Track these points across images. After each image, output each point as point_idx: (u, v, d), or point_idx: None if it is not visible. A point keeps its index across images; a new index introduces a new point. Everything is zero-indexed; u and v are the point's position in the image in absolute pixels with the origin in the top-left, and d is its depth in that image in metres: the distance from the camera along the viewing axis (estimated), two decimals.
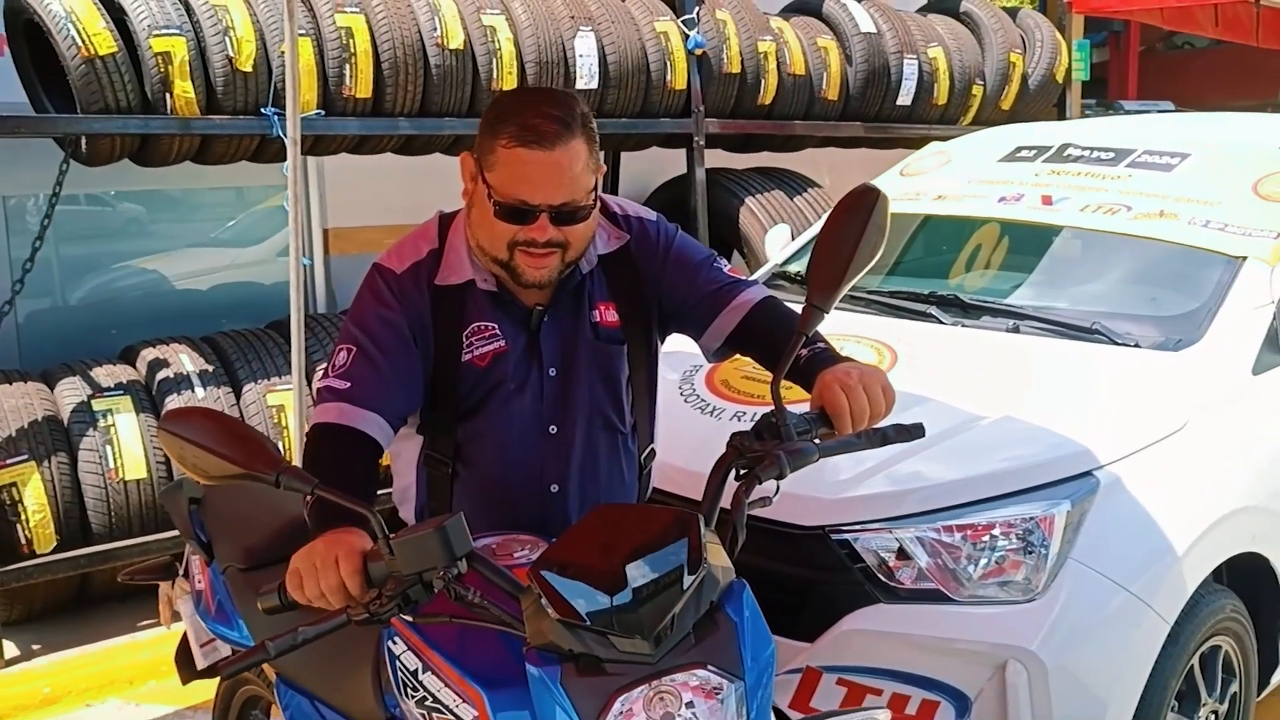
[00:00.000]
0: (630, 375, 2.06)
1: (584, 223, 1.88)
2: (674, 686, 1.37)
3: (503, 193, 1.84)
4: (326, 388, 1.86)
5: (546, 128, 1.82)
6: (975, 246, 3.77)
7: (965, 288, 3.53)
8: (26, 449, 3.78)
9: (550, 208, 1.83)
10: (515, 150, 1.82)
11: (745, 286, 2.06)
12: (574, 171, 1.84)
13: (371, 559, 1.53)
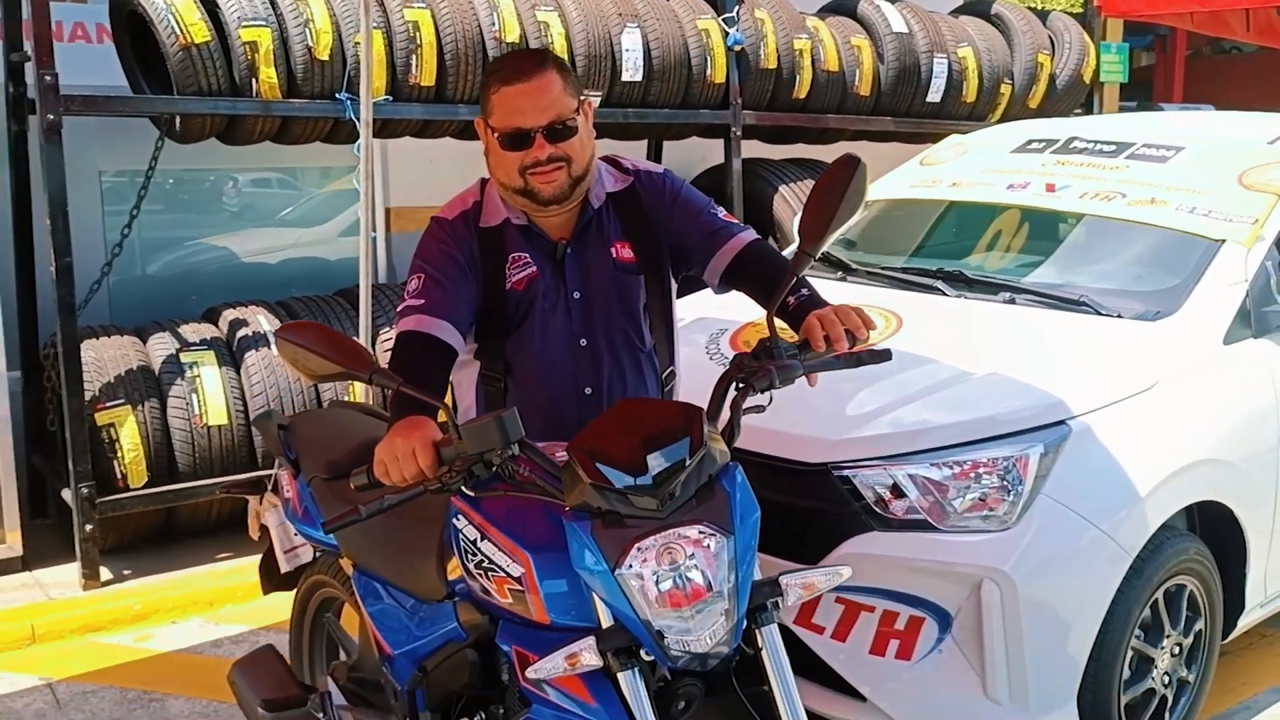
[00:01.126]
0: (647, 303, 2.46)
1: (575, 137, 2.28)
2: (678, 539, 1.73)
3: (502, 127, 2.27)
4: (405, 307, 2.27)
5: (523, 66, 2.28)
6: (982, 229, 4.10)
7: (970, 265, 3.86)
8: (123, 395, 4.24)
9: (541, 128, 2.25)
10: (502, 90, 2.26)
11: (739, 230, 2.45)
12: (553, 94, 2.26)
13: (442, 444, 1.91)
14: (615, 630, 1.79)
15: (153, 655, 3.85)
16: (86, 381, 4.17)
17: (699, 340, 3.50)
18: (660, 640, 1.75)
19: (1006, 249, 3.99)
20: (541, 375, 2.42)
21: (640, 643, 1.78)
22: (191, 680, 3.65)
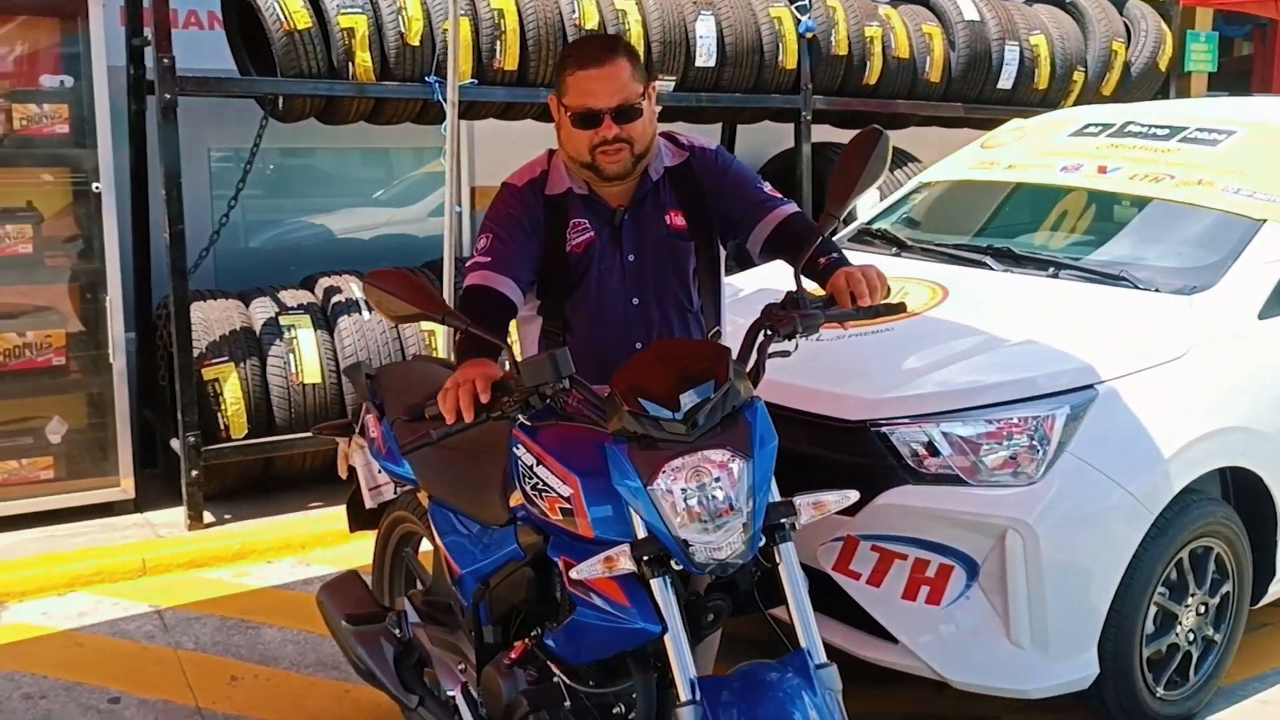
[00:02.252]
0: (696, 267, 2.69)
1: (640, 120, 2.52)
2: (704, 461, 1.97)
3: (574, 106, 2.51)
4: (473, 263, 2.54)
5: (596, 52, 2.53)
6: (1034, 209, 4.26)
7: (1019, 242, 4.02)
8: (227, 353, 4.62)
9: (610, 109, 2.49)
10: (576, 74, 2.51)
11: (781, 203, 2.67)
12: (622, 80, 2.50)
13: (503, 379, 2.18)
14: (648, 541, 2.04)
15: (249, 589, 4.22)
16: (194, 340, 4.56)
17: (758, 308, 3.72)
18: (686, 549, 2.00)
19: (1055, 228, 4.14)
20: (597, 331, 2.67)
21: (670, 553, 2.03)
22: (284, 611, 4.00)
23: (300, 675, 3.63)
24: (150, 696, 3.45)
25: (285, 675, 3.62)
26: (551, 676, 2.33)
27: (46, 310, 4.59)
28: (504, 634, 2.55)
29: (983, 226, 4.35)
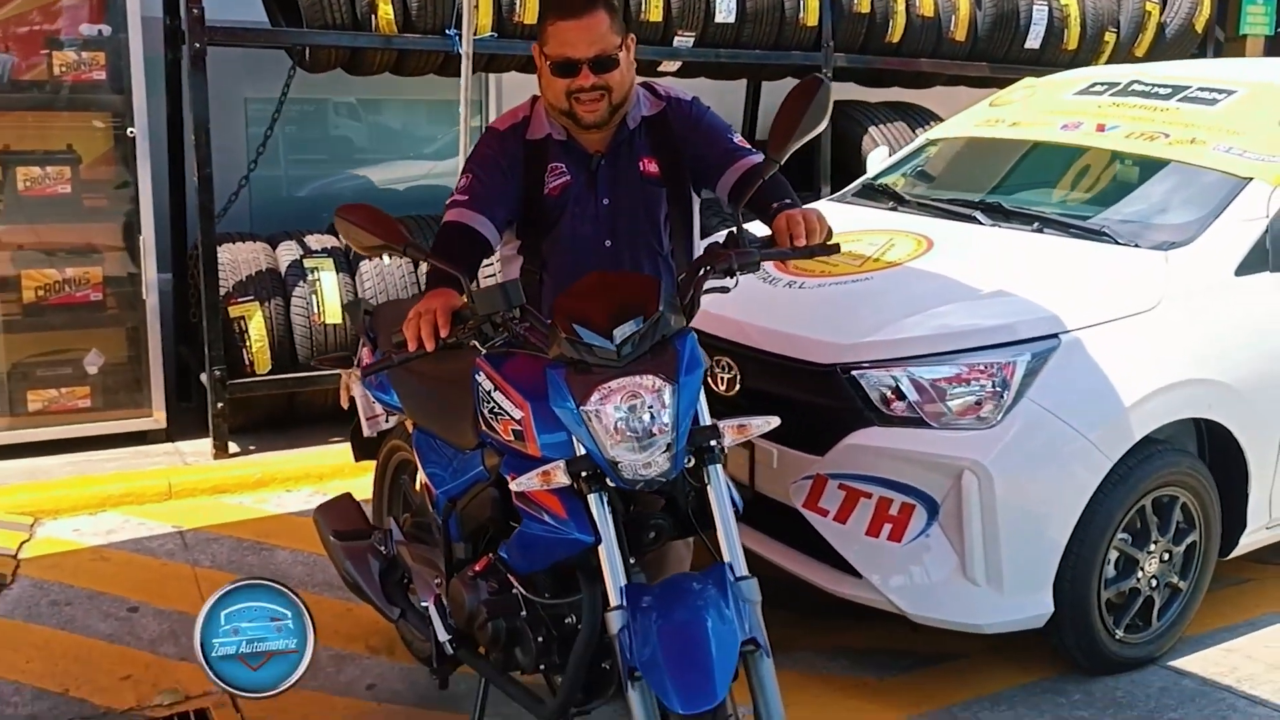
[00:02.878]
0: (668, 213, 2.82)
1: (617, 70, 2.63)
2: (633, 385, 2.12)
3: (553, 55, 2.64)
4: (452, 201, 2.70)
5: (575, 4, 2.63)
6: (1032, 166, 4.31)
7: (1010, 198, 4.08)
8: (253, 292, 4.85)
9: (587, 59, 2.61)
10: (556, 23, 2.63)
11: (749, 153, 2.78)
12: (600, 31, 2.61)
13: (459, 309, 2.34)
14: (583, 459, 2.20)
15: (266, 515, 4.47)
16: (222, 280, 4.79)
17: None
18: (615, 466, 2.16)
19: (1049, 184, 4.19)
20: (571, 270, 2.79)
21: (603, 470, 2.18)
22: (297, 536, 4.23)
23: (308, 593, 3.79)
24: (166, 607, 3.70)
25: None
26: (511, 588, 2.50)
27: (85, 249, 4.85)
28: (473, 550, 2.73)
29: (980, 182, 4.41)
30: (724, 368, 3.49)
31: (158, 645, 3.48)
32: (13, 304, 4.76)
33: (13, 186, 4.68)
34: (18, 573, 3.89)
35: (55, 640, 3.48)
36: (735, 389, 3.47)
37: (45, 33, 4.66)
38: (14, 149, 4.72)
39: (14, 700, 3.17)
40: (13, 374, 4.81)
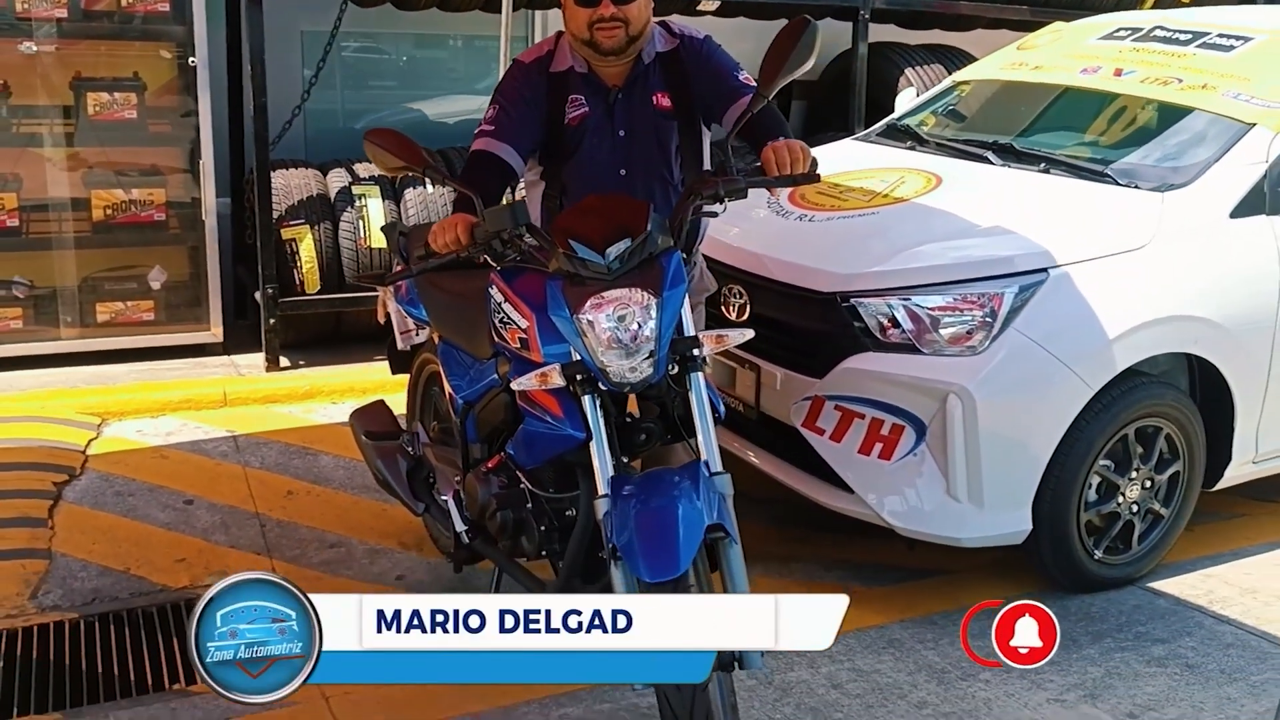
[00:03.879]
0: (679, 145, 3.02)
1: (635, 3, 2.82)
2: (621, 296, 2.35)
3: None
4: (480, 131, 2.93)
5: None
6: (1047, 108, 4.43)
7: (1023, 139, 4.22)
8: (303, 216, 5.14)
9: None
10: None
11: (750, 90, 2.96)
12: None
13: (477, 228, 2.59)
14: (577, 363, 2.44)
15: (313, 424, 4.79)
16: (275, 204, 5.08)
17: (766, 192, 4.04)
18: (605, 370, 2.40)
19: (1064, 127, 4.31)
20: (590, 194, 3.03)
21: (593, 373, 2.43)
22: (340, 443, 4.52)
23: (346, 495, 4.18)
24: (219, 501, 4.05)
25: (334, 493, 4.18)
26: (519, 483, 2.78)
27: (149, 171, 5.17)
28: (488, 450, 3.00)
29: (1000, 124, 4.53)
30: (736, 294, 3.71)
31: (210, 534, 3.82)
32: (83, 222, 5.10)
33: (83, 111, 5.00)
34: (86, 466, 4.25)
35: (119, 525, 3.84)
36: (746, 315, 3.68)
37: None
38: (85, 75, 5.02)
39: (81, 575, 3.52)
40: (82, 287, 5.17)
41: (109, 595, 3.42)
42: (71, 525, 3.81)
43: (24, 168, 5.06)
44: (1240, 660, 3.20)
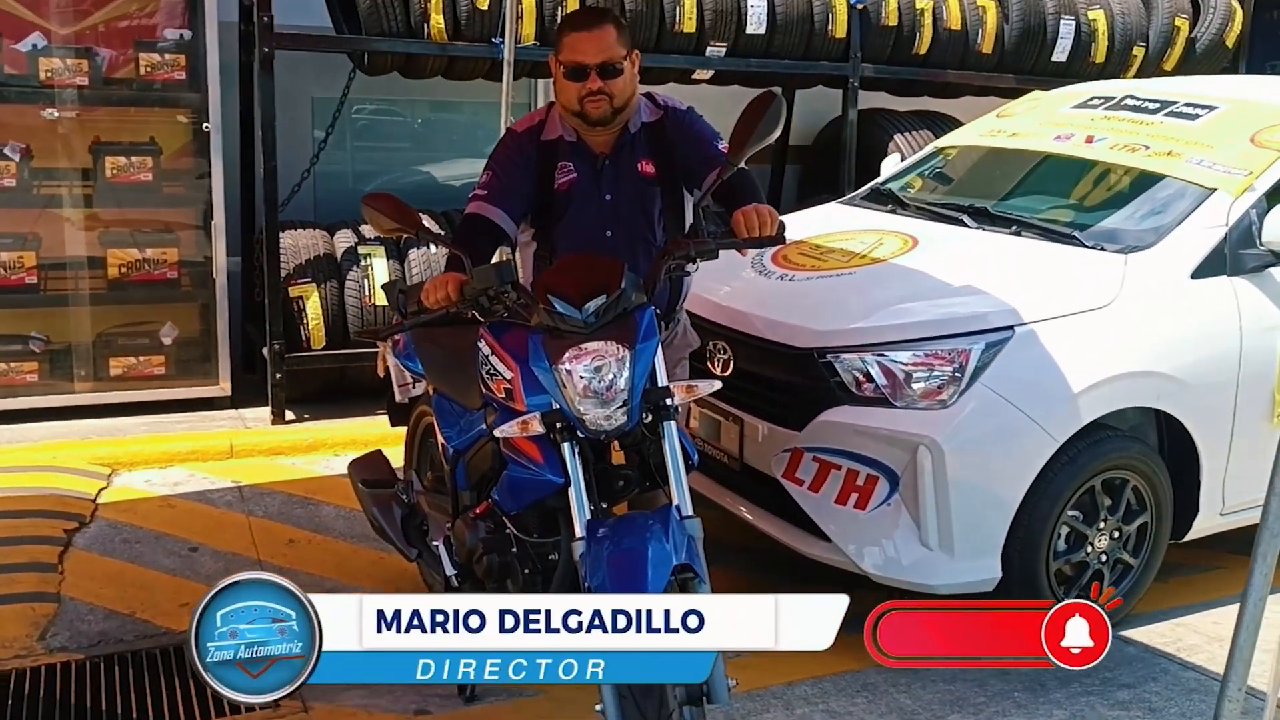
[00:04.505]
0: (661, 209, 3.20)
1: (621, 79, 3.02)
2: (596, 349, 2.51)
3: (566, 61, 3.03)
4: (473, 195, 3.11)
5: (587, 18, 3.07)
6: (1021, 173, 4.62)
7: (997, 203, 4.40)
8: (310, 274, 5.34)
9: (595, 65, 2.99)
10: (570, 34, 3.04)
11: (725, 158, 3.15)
12: (608, 42, 3.01)
13: (466, 285, 2.76)
14: (556, 412, 2.60)
15: (316, 475, 4.95)
16: (283, 263, 5.29)
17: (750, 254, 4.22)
18: (581, 419, 2.56)
19: (1035, 191, 4.49)
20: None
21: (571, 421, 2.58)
22: (341, 494, 4.67)
23: (346, 543, 4.33)
24: (223, 549, 4.19)
25: (334, 542, 4.33)
26: (504, 529, 2.92)
27: (163, 231, 5.39)
28: (476, 497, 3.15)
29: (977, 189, 4.73)
30: (720, 350, 3.87)
31: (213, 579, 3.80)
32: (99, 279, 5.32)
33: (101, 173, 5.23)
34: (96, 514, 4.41)
35: (125, 571, 3.99)
36: (729, 370, 3.84)
37: (134, 34, 5.19)
38: (104, 139, 5.27)
39: (88, 618, 3.67)
40: (97, 342, 5.37)
41: (115, 637, 3.56)
42: (80, 570, 3.96)
43: (43, 227, 5.29)
44: (1202, 705, 3.30)
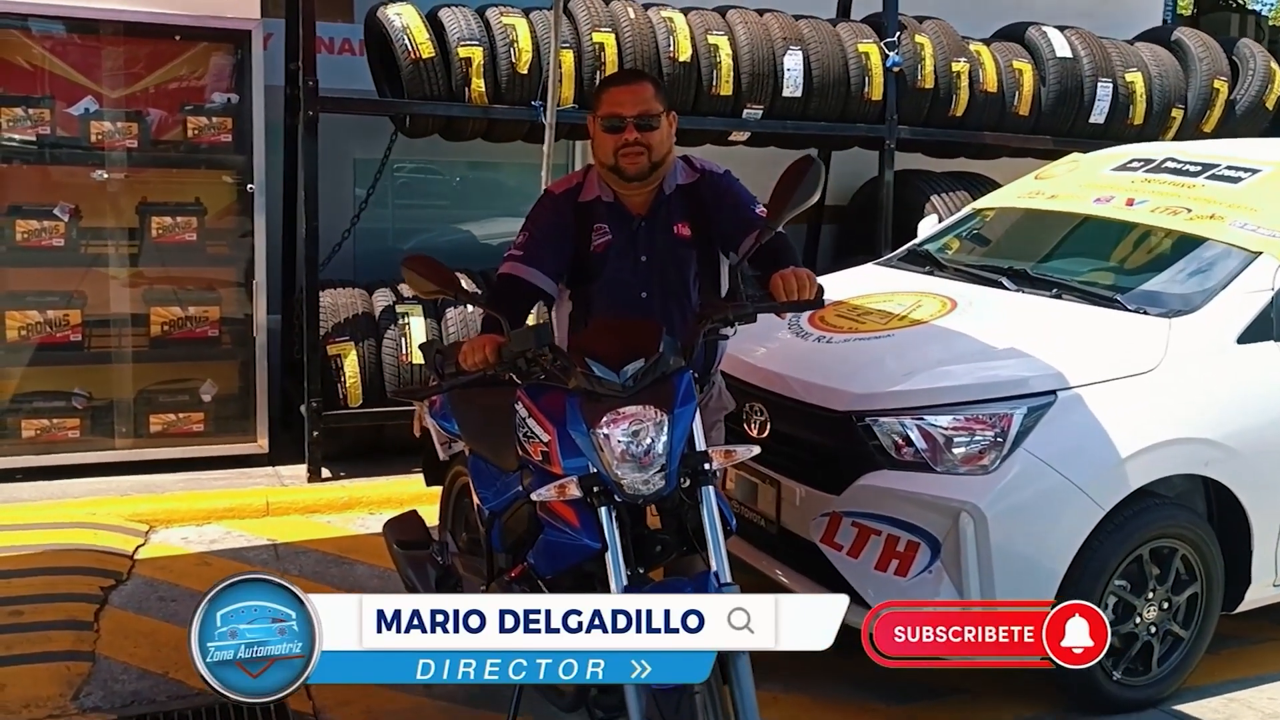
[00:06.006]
0: (697, 270, 3.20)
1: (657, 132, 3.04)
2: (634, 413, 2.50)
3: (603, 114, 3.06)
4: (509, 255, 3.13)
5: (625, 75, 3.17)
6: (1061, 235, 4.59)
7: (1037, 265, 4.36)
8: (349, 333, 5.38)
9: (632, 118, 3.02)
10: (608, 89, 3.10)
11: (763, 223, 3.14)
12: (645, 96, 3.05)
13: (503, 347, 2.76)
14: (593, 476, 2.58)
15: (351, 534, 4.94)
16: (322, 322, 5.33)
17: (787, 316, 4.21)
18: (619, 483, 2.54)
19: (1076, 254, 4.46)
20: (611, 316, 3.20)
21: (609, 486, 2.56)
22: (376, 554, 4.65)
23: None
24: None
25: None
26: (540, 592, 2.89)
27: (205, 290, 5.45)
28: (512, 560, 3.12)
29: (1016, 251, 4.69)
30: (757, 412, 3.84)
31: None
32: (141, 336, 5.38)
33: (147, 233, 5.31)
34: (133, 571, 4.42)
35: (161, 630, 3.98)
36: (766, 432, 3.81)
37: (182, 98, 5.30)
38: (150, 200, 5.35)
39: (122, 678, 3.65)
40: (138, 399, 5.42)
41: (147, 698, 3.54)
42: (116, 629, 3.96)
43: (89, 285, 5.37)
44: None
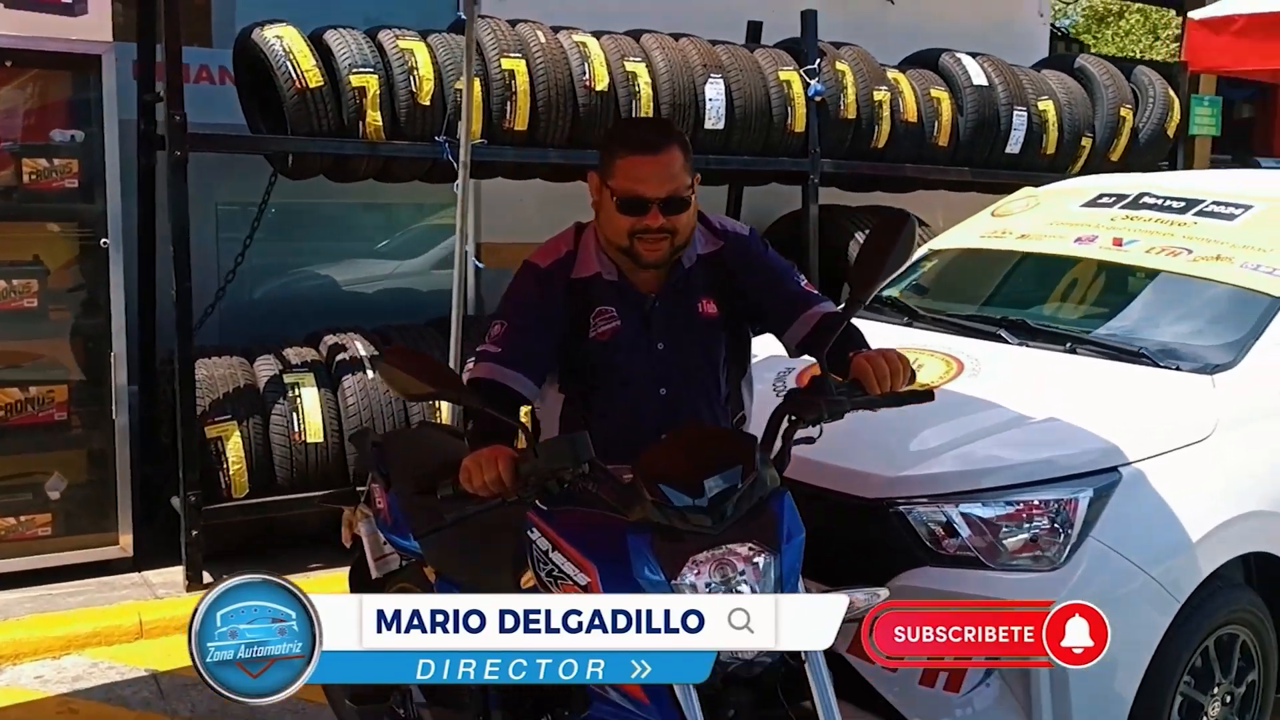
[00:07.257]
0: (726, 355, 2.62)
1: (686, 212, 2.45)
2: (730, 555, 1.92)
3: (621, 190, 2.43)
4: (483, 351, 2.47)
5: (651, 139, 2.45)
6: (1048, 280, 4.23)
7: (1033, 314, 3.97)
8: (230, 410, 4.57)
9: (659, 199, 2.41)
10: (630, 158, 2.43)
11: (818, 300, 2.59)
12: (674, 170, 2.43)
13: (521, 461, 2.12)
14: None
15: None
16: (198, 397, 4.50)
17: (768, 378, 3.67)
18: None
19: (1070, 300, 4.11)
20: (622, 420, 2.54)
21: None
22: None
23: None
24: None
25: None
26: None
27: (50, 364, 4.55)
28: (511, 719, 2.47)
29: (994, 296, 4.32)
30: None
31: None
32: None
33: None
34: None
35: None
36: None
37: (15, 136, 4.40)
38: None
39: None
40: None
41: None
42: None
43: None
44: None
